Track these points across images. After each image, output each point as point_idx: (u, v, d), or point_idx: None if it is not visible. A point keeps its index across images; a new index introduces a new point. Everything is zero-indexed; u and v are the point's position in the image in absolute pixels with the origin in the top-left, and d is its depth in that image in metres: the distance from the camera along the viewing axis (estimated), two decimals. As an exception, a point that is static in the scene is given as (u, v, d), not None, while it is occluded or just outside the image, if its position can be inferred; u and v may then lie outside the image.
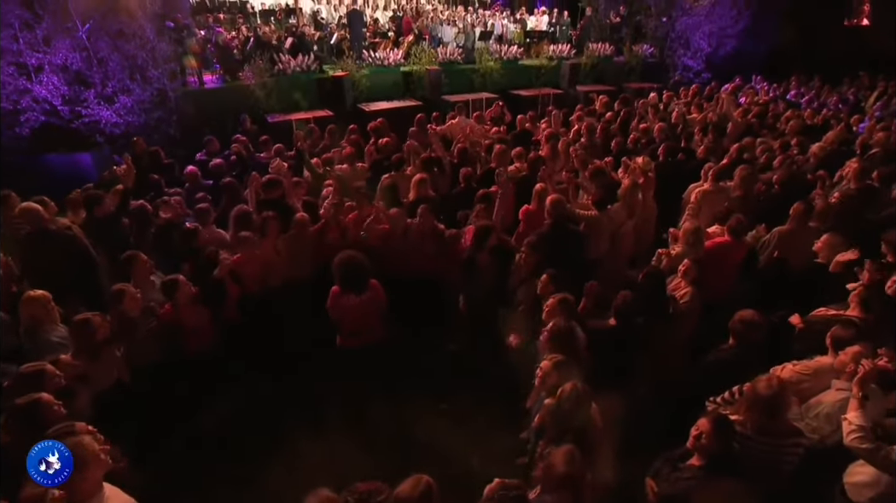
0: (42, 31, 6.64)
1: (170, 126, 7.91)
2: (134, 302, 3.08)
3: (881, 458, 2.25)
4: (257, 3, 13.34)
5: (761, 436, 2.38)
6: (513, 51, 11.29)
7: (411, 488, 1.82)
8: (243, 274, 3.76)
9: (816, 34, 12.28)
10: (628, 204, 4.63)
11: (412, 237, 4.10)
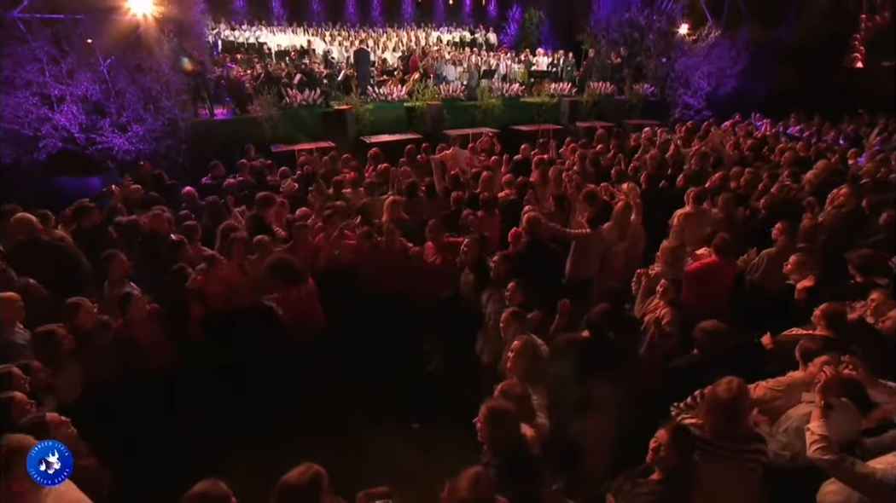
0: (67, 65, 7.27)
1: (178, 154, 8.40)
2: (89, 314, 3.21)
3: (844, 471, 2.19)
4: (273, 45, 14.36)
5: (721, 441, 2.36)
6: (514, 88, 11.83)
7: (299, 475, 1.86)
8: (209, 293, 3.85)
9: (815, 75, 12.64)
10: (620, 225, 4.76)
11: (380, 255, 4.28)
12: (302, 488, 1.85)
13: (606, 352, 3.20)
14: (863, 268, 3.80)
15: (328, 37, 14.64)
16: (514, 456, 2.24)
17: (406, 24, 16.49)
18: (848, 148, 8.61)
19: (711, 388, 2.45)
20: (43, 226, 4.13)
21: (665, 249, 4.06)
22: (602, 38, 13.23)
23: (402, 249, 4.40)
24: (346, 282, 4.37)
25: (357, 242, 4.38)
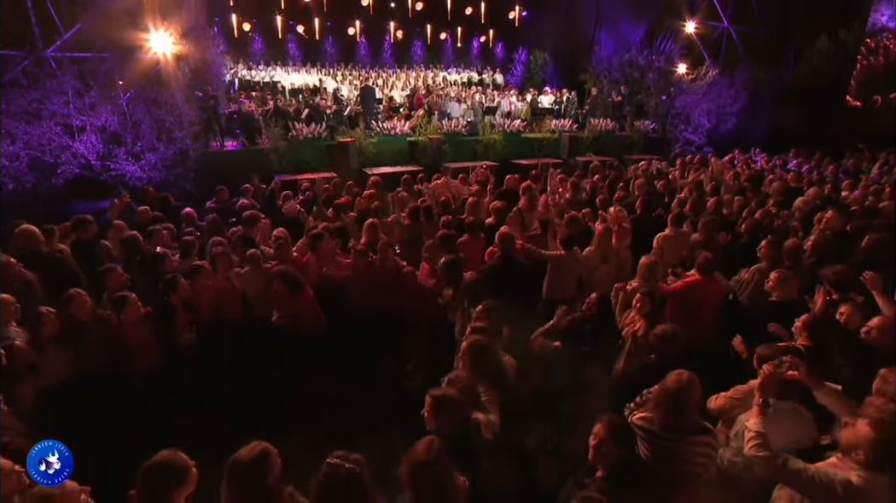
0: (90, 98, 7.99)
1: (187, 181, 8.97)
2: (82, 306, 3.49)
3: (778, 467, 2.19)
4: (287, 83, 15.36)
5: (668, 433, 2.38)
6: (516, 124, 12.38)
7: (247, 451, 1.99)
8: (196, 301, 4.10)
9: (817, 114, 12.97)
10: (602, 248, 4.94)
11: (374, 273, 4.53)
12: (250, 464, 1.98)
13: (576, 358, 3.36)
14: (837, 285, 3.91)
15: (339, 76, 15.62)
16: (460, 440, 2.31)
17: (416, 66, 17.50)
18: (844, 180, 8.80)
19: (662, 381, 2.49)
20: (46, 239, 4.54)
21: (642, 265, 4.24)
22: (604, 77, 13.87)
23: (395, 268, 4.63)
24: (335, 298, 4.63)
25: (352, 260, 4.64)
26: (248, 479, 1.96)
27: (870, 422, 2.08)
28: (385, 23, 16.80)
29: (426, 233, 5.63)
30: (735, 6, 13.31)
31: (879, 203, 6.56)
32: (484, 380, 2.84)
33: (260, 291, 4.29)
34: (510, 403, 2.90)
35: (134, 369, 3.74)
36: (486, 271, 4.10)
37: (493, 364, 2.95)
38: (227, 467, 2.00)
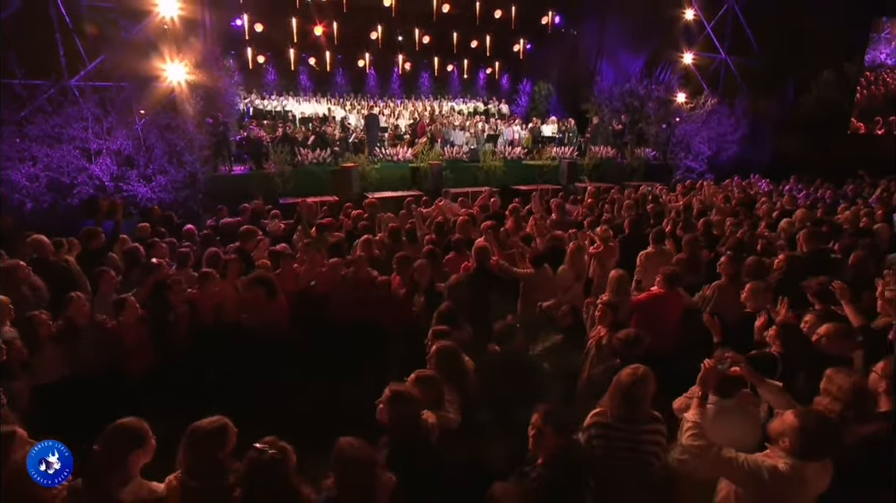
0: (108, 123, 8.64)
1: (195, 203, 9.50)
2: (80, 309, 3.80)
3: (711, 457, 2.34)
4: (298, 112, 16.18)
5: (620, 423, 2.53)
6: (517, 152, 12.84)
7: (208, 422, 2.23)
8: (199, 305, 4.42)
9: (819, 141, 13.20)
10: (574, 267, 5.19)
11: (349, 283, 4.83)
12: (208, 434, 2.23)
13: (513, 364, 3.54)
14: (820, 296, 4.09)
15: (348, 106, 16.41)
16: (409, 438, 2.47)
17: (423, 97, 18.29)
18: (842, 205, 8.94)
19: (616, 375, 2.67)
20: (55, 250, 4.96)
21: (611, 278, 4.47)
22: (605, 106, 14.37)
23: (370, 279, 4.96)
24: (320, 308, 4.93)
25: (328, 272, 4.98)
26: (203, 448, 2.21)
27: (795, 412, 2.27)
28: (393, 55, 17.71)
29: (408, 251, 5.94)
30: (732, 38, 13.83)
31: (874, 225, 6.72)
32: (450, 381, 3.05)
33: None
34: (470, 405, 3.11)
35: (128, 370, 4.04)
36: (463, 281, 4.36)
37: (458, 367, 3.15)
38: (187, 434, 2.24)
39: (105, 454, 2.13)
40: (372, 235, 6.05)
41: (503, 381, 3.32)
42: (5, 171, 7.85)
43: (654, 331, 4.07)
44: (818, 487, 2.21)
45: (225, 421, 2.31)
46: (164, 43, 9.04)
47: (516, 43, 17.92)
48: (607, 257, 5.41)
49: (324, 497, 2.15)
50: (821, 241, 5.64)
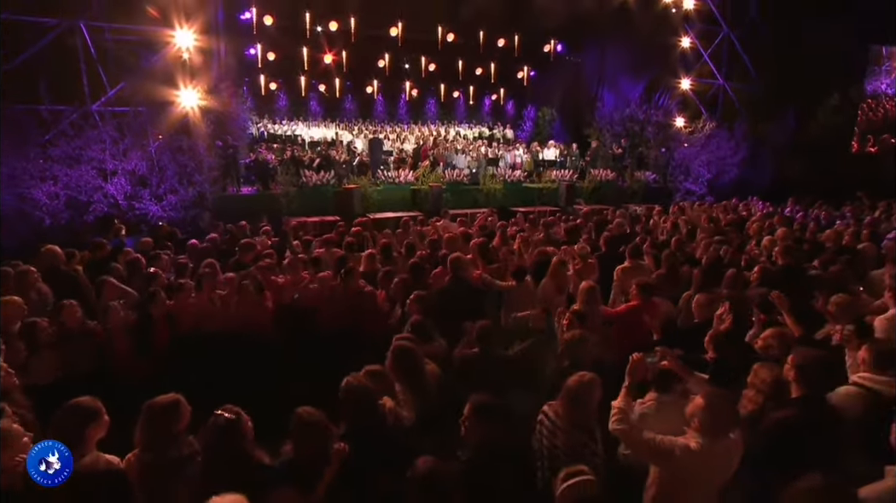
0: (124, 146, 9.33)
1: (202, 221, 10.07)
2: (72, 315, 4.13)
3: (633, 438, 2.59)
4: (307, 136, 16.96)
5: (565, 425, 2.74)
6: (517, 174, 13.31)
7: (162, 398, 2.48)
8: (177, 315, 4.70)
9: (821, 163, 13.43)
10: (556, 280, 5.50)
11: (338, 295, 5.19)
12: (162, 409, 2.48)
13: (492, 365, 3.84)
14: (763, 307, 4.36)
15: (355, 130, 17.16)
16: (367, 427, 2.71)
17: (429, 122, 19.03)
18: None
19: (566, 379, 2.88)
20: (67, 260, 5.46)
21: (581, 289, 4.78)
22: (606, 131, 14.85)
23: (357, 290, 5.32)
24: (306, 319, 5.29)
25: (318, 285, 5.35)
26: (158, 422, 2.49)
27: (703, 394, 2.57)
28: (400, 82, 18.55)
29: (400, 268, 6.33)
30: (729, 65, 14.31)
31: (858, 244, 6.94)
32: (403, 378, 3.26)
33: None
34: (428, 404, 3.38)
35: (116, 374, 4.25)
36: (437, 290, 4.72)
37: (414, 365, 3.34)
38: (143, 411, 2.50)
39: (62, 428, 2.37)
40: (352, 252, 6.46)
41: (480, 377, 3.62)
42: (28, 189, 8.52)
43: (633, 340, 4.38)
44: (728, 465, 2.47)
45: (178, 397, 2.57)
46: (179, 71, 9.79)
47: (520, 70, 18.67)
48: (586, 273, 5.74)
49: (280, 461, 2.48)
50: (798, 257, 5.92)
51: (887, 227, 9.13)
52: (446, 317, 4.41)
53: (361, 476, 2.50)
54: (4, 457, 2.30)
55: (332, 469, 2.45)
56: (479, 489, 2.35)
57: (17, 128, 8.47)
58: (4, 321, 3.93)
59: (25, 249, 6.42)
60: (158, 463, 2.47)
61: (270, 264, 5.66)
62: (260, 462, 2.47)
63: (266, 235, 7.34)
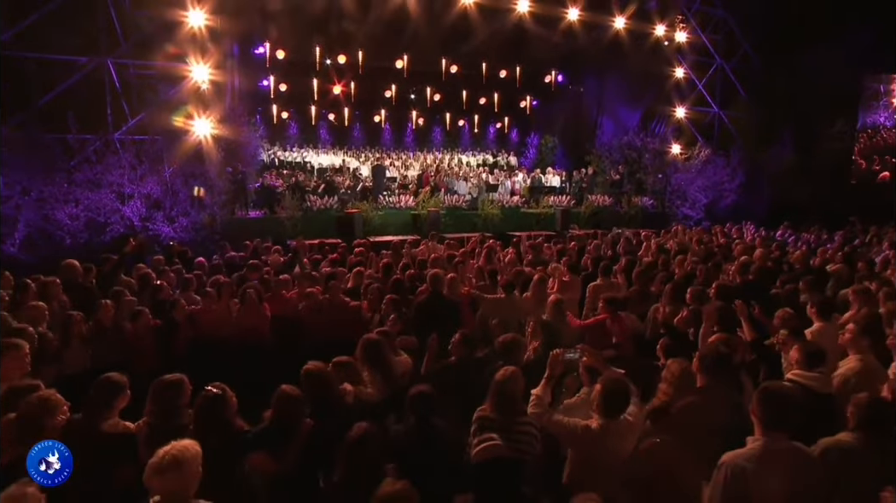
0: (141, 171, 10.24)
1: (212, 243, 10.84)
2: (106, 314, 4.84)
3: (546, 420, 2.97)
4: (316, 163, 17.95)
5: (495, 415, 3.04)
6: (515, 200, 13.97)
7: (169, 377, 3.06)
8: (199, 321, 5.40)
9: (821, 189, 13.85)
10: (535, 295, 6.03)
11: (325, 307, 5.79)
12: (170, 384, 3.08)
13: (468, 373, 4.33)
14: (720, 319, 4.83)
15: (362, 157, 18.11)
16: (325, 404, 3.20)
17: (434, 150, 19.95)
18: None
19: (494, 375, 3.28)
20: (84, 273, 6.21)
21: (549, 302, 5.31)
22: (605, 158, 15.52)
23: (343, 303, 5.91)
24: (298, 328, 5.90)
25: (308, 298, 5.97)
26: (165, 395, 3.07)
27: (600, 379, 3.07)
28: (407, 111, 19.58)
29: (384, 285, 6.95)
30: (723, 94, 14.99)
31: (829, 265, 7.38)
32: (369, 364, 3.80)
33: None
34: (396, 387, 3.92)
35: (136, 369, 5.03)
36: (416, 304, 5.30)
37: (380, 355, 3.87)
38: (152, 386, 3.07)
39: (98, 397, 3.04)
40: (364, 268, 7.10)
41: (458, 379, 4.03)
42: (53, 211, 9.41)
43: (598, 349, 4.87)
44: (623, 443, 2.88)
45: (182, 377, 3.16)
46: (194, 102, 10.77)
47: (522, 100, 19.59)
48: (565, 290, 6.28)
49: (257, 429, 3.05)
50: (765, 276, 6.40)
51: (878, 250, 9.56)
52: (423, 326, 5.00)
53: (322, 445, 3.04)
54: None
55: (299, 439, 3.01)
56: (407, 457, 2.84)
57: (47, 155, 9.44)
58: (29, 322, 4.63)
59: (46, 265, 7.19)
60: (162, 428, 3.05)
61: (286, 279, 6.34)
62: (240, 429, 3.04)
63: (277, 254, 8.03)
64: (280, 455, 2.99)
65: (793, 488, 2.33)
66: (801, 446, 2.48)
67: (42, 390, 3.05)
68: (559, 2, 12.55)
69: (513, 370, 3.13)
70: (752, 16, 14.38)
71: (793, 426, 2.44)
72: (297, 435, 3.01)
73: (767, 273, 6.65)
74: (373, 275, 6.82)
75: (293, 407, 3.05)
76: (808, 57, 13.99)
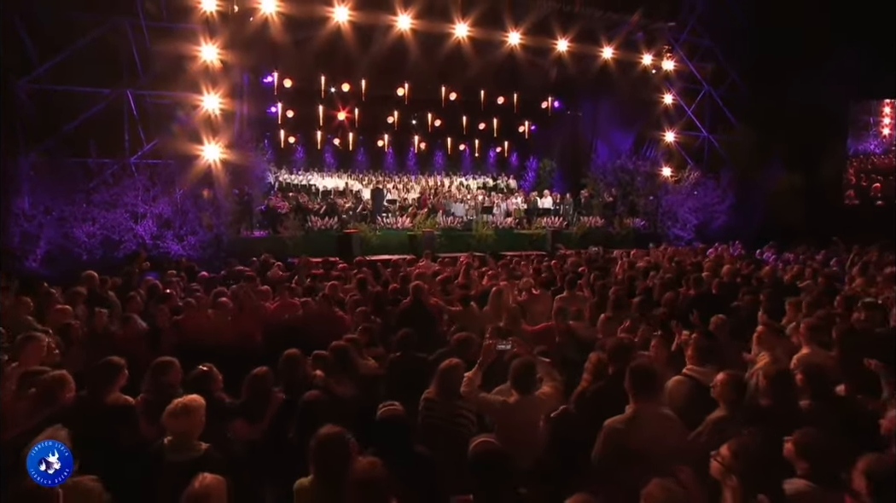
0: (154, 193, 11.23)
1: (217, 260, 11.72)
2: (100, 321, 5.46)
3: (474, 398, 3.54)
4: (320, 186, 18.95)
5: (438, 397, 3.65)
6: (508, 222, 14.71)
7: (164, 358, 3.92)
8: (182, 327, 5.94)
9: (812, 210, 14.37)
10: (493, 306, 6.69)
11: (313, 316, 6.51)
12: (163, 364, 3.81)
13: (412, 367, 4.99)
14: (663, 325, 5.46)
15: (365, 180, 19.08)
16: (295, 382, 3.92)
17: (437, 173, 20.89)
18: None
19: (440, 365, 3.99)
20: (101, 283, 7.07)
21: (507, 311, 5.98)
22: (600, 181, 16.26)
23: (332, 313, 6.64)
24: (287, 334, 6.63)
25: (300, 308, 6.72)
26: (159, 373, 3.74)
27: (515, 362, 3.72)
28: (409, 136, 20.61)
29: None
30: (712, 119, 15.73)
31: (798, 281, 7.95)
32: (339, 366, 4.55)
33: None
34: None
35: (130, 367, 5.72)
36: (398, 311, 6.02)
37: (346, 358, 4.50)
38: (150, 367, 3.79)
39: (101, 375, 3.60)
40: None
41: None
42: (72, 229, 10.37)
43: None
44: (535, 416, 3.41)
45: (174, 359, 3.87)
46: (205, 129, 11.80)
47: (521, 125, 20.54)
48: (531, 303, 6.95)
49: (236, 401, 3.75)
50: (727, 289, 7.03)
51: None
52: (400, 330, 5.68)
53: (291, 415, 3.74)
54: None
55: (271, 408, 3.71)
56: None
57: (69, 178, 10.48)
58: (53, 322, 5.44)
59: (64, 279, 8.05)
60: (157, 401, 3.75)
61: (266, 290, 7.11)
62: (223, 400, 3.75)
63: (278, 268, 8.88)
64: (255, 422, 3.70)
65: (657, 443, 2.95)
66: (668, 412, 3.11)
67: (54, 371, 3.81)
68: (549, 33, 13.49)
69: (456, 362, 3.75)
70: (739, 45, 15.22)
71: (656, 395, 3.09)
72: (269, 406, 3.72)
73: (730, 286, 7.24)
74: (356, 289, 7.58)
75: (262, 383, 3.78)
76: (796, 84, 14.73)
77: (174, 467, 2.85)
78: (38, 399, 3.34)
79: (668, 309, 6.08)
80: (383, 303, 6.77)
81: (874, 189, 15.82)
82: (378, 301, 6.71)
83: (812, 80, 14.63)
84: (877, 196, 15.65)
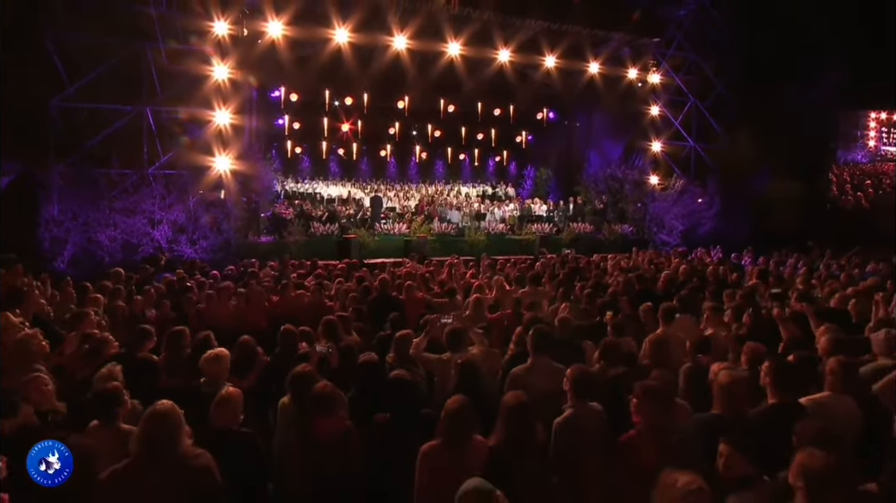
0: (169, 200, 12.58)
1: (227, 262, 13.00)
2: (139, 306, 6.89)
3: (419, 355, 4.79)
4: (325, 194, 20.29)
5: (396, 360, 4.90)
6: (500, 227, 15.85)
7: (177, 327, 5.18)
8: (203, 313, 7.38)
9: (799, 216, 15.25)
10: (474, 306, 7.84)
11: (306, 307, 7.69)
12: (178, 332, 5.16)
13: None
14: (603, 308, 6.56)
15: (367, 189, 20.39)
16: (288, 351, 5.20)
17: (437, 182, 22.14)
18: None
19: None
20: (126, 280, 8.35)
21: (470, 301, 7.09)
22: (592, 188, 17.34)
23: (322, 305, 7.83)
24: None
25: (295, 300, 7.93)
26: (174, 340, 4.91)
27: (446, 329, 4.86)
28: (411, 146, 21.93)
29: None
30: (699, 130, 16.74)
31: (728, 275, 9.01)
32: (326, 337, 5.74)
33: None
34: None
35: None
36: (369, 302, 7.20)
37: (333, 330, 5.79)
38: (165, 335, 5.04)
39: (136, 338, 4.99)
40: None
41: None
42: (95, 234, 11.75)
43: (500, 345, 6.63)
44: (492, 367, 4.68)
45: (185, 328, 5.07)
46: (216, 141, 13.17)
47: (519, 135, 21.73)
48: (503, 297, 8.06)
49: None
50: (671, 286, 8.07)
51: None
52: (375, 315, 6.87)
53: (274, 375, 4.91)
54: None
55: (257, 368, 4.90)
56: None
57: (94, 187, 11.88)
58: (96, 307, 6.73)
59: (88, 280, 9.32)
60: (173, 359, 4.95)
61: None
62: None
63: (271, 268, 10.13)
64: (244, 377, 4.89)
65: (547, 386, 4.05)
66: (557, 364, 4.22)
67: (102, 334, 5.06)
68: (537, 51, 14.70)
69: (407, 332, 4.89)
70: (725, 59, 16.26)
71: (549, 352, 4.21)
72: (255, 366, 4.92)
73: (678, 284, 8.27)
74: (350, 287, 8.78)
75: (247, 350, 4.96)
76: (782, 95, 15.69)
77: (208, 397, 4.03)
78: (91, 352, 4.57)
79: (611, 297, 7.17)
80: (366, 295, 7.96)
81: (860, 196, 16.66)
82: (361, 298, 7.91)
83: (798, 91, 15.58)
84: (862, 203, 16.48)
